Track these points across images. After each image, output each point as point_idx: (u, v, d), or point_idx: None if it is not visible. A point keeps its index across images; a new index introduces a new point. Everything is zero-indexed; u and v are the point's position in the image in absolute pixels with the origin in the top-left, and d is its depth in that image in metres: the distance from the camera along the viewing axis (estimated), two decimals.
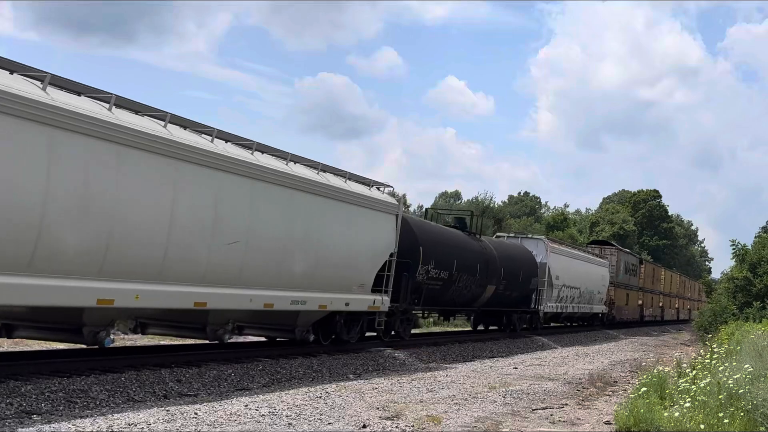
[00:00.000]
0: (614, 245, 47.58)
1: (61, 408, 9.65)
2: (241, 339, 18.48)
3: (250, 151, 14.02)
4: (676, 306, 67.99)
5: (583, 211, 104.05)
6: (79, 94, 11.03)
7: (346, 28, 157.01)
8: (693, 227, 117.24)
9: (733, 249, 32.53)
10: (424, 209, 34.34)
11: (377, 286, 18.10)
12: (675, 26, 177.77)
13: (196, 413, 9.72)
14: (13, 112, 9.44)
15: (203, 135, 13.03)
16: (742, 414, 9.08)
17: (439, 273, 21.21)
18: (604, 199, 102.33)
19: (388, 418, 10.29)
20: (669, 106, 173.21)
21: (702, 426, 8.82)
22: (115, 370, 11.83)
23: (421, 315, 25.19)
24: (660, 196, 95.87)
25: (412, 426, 9.87)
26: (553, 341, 29.94)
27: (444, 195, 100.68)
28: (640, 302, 51.08)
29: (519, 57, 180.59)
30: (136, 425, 8.81)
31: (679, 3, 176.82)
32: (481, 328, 30.32)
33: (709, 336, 26.17)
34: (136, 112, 11.86)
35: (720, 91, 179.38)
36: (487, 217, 55.59)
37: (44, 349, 14.67)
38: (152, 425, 8.88)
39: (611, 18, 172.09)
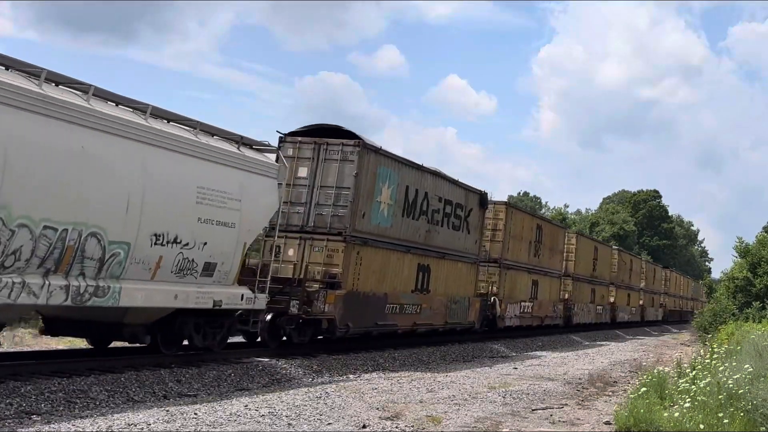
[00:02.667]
0: (357, 136, 17.71)
1: (61, 408, 9.65)
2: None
3: None
4: (611, 300, 43.47)
5: (583, 211, 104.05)
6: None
7: (348, 27, 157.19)
8: (693, 228, 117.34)
9: (737, 245, 33.02)
10: None
11: None
12: (679, 24, 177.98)
13: (195, 413, 9.72)
14: None
15: None
16: (741, 414, 9.08)
17: None
18: (604, 199, 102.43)
19: (387, 419, 10.28)
20: (671, 105, 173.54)
21: (702, 426, 8.82)
22: (115, 370, 11.83)
23: None
24: (660, 197, 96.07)
25: (412, 426, 9.87)
26: None
27: None
28: (493, 288, 26.04)
29: (521, 56, 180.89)
30: (135, 425, 8.82)
31: (683, 2, 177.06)
32: None
33: (709, 336, 26.21)
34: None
35: (723, 90, 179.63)
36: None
37: (44, 349, 14.68)
38: (152, 425, 8.88)
39: (614, 17, 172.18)
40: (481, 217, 24.48)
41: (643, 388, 11.22)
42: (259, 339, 16.58)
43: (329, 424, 9.74)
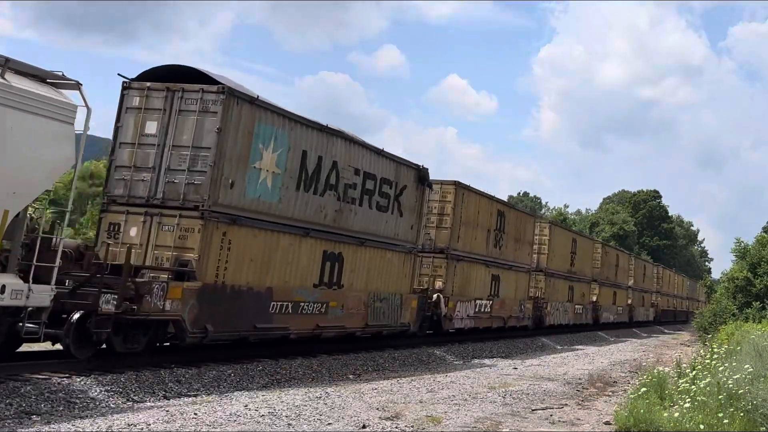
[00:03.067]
0: (222, 83, 13.47)
1: (61, 408, 9.64)
2: None
3: None
4: (593, 298, 39.23)
5: (583, 211, 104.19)
6: None
7: (349, 27, 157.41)
8: (693, 228, 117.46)
9: (735, 246, 33.05)
10: None
11: None
12: (679, 24, 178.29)
13: (195, 413, 9.73)
14: None
15: None
16: (741, 414, 9.08)
17: None
18: (604, 199, 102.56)
19: (387, 419, 10.29)
20: (672, 105, 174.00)
21: (702, 426, 8.83)
22: (115, 370, 11.82)
23: None
24: (660, 197, 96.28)
25: (412, 426, 9.87)
26: None
27: None
28: (437, 283, 22.35)
29: (521, 56, 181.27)
30: (135, 425, 8.82)
31: (683, 2, 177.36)
32: None
33: (709, 336, 26.23)
34: None
35: (723, 90, 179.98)
36: None
37: (44, 349, 14.67)
38: (152, 425, 8.89)
39: (614, 17, 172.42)
40: (419, 197, 20.15)
41: (643, 389, 11.23)
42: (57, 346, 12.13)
43: (329, 424, 9.75)
